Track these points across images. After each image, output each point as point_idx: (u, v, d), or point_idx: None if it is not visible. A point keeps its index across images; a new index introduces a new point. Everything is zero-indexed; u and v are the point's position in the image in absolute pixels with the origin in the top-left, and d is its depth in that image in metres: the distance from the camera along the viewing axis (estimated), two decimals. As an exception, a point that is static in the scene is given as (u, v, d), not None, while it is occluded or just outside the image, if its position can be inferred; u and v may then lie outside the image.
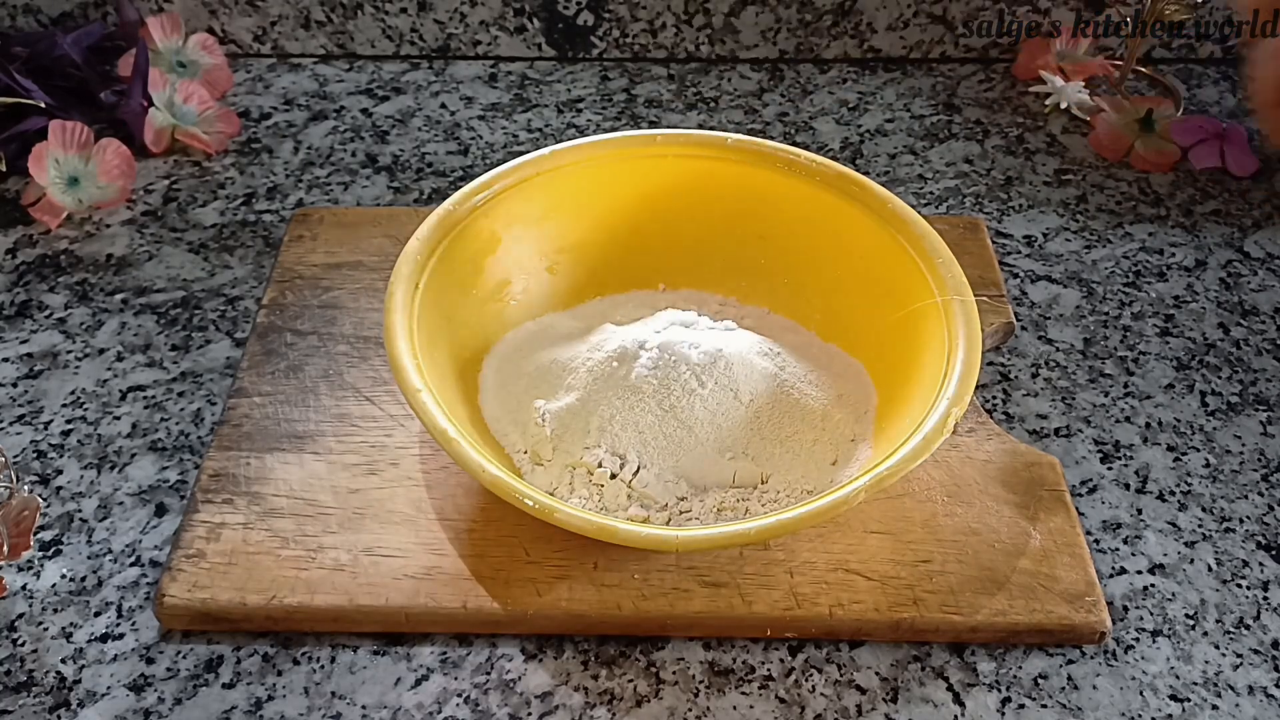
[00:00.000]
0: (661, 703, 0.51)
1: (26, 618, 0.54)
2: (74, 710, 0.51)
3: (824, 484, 0.55)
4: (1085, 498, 0.60)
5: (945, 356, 0.55)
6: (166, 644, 0.53)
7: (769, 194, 0.64)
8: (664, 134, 0.66)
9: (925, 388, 0.55)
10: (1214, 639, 0.54)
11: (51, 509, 0.58)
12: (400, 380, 0.53)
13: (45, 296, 0.70)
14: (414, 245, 0.59)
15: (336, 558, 0.54)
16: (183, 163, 0.81)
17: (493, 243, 0.63)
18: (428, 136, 0.84)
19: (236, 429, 0.60)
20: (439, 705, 0.51)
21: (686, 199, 0.65)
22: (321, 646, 0.53)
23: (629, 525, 0.49)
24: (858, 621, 0.53)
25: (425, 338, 0.56)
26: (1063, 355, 0.68)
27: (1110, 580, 0.56)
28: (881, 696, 0.52)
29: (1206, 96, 0.89)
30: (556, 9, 0.89)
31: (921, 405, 0.54)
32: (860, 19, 0.89)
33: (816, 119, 0.86)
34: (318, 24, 0.89)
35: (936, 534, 0.56)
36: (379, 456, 0.59)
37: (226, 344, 0.67)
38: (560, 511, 0.49)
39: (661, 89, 0.89)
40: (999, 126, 0.86)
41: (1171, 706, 0.52)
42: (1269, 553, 0.58)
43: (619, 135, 0.67)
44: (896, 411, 0.57)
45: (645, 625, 0.53)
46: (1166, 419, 0.64)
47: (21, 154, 0.75)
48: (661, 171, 0.65)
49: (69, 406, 0.64)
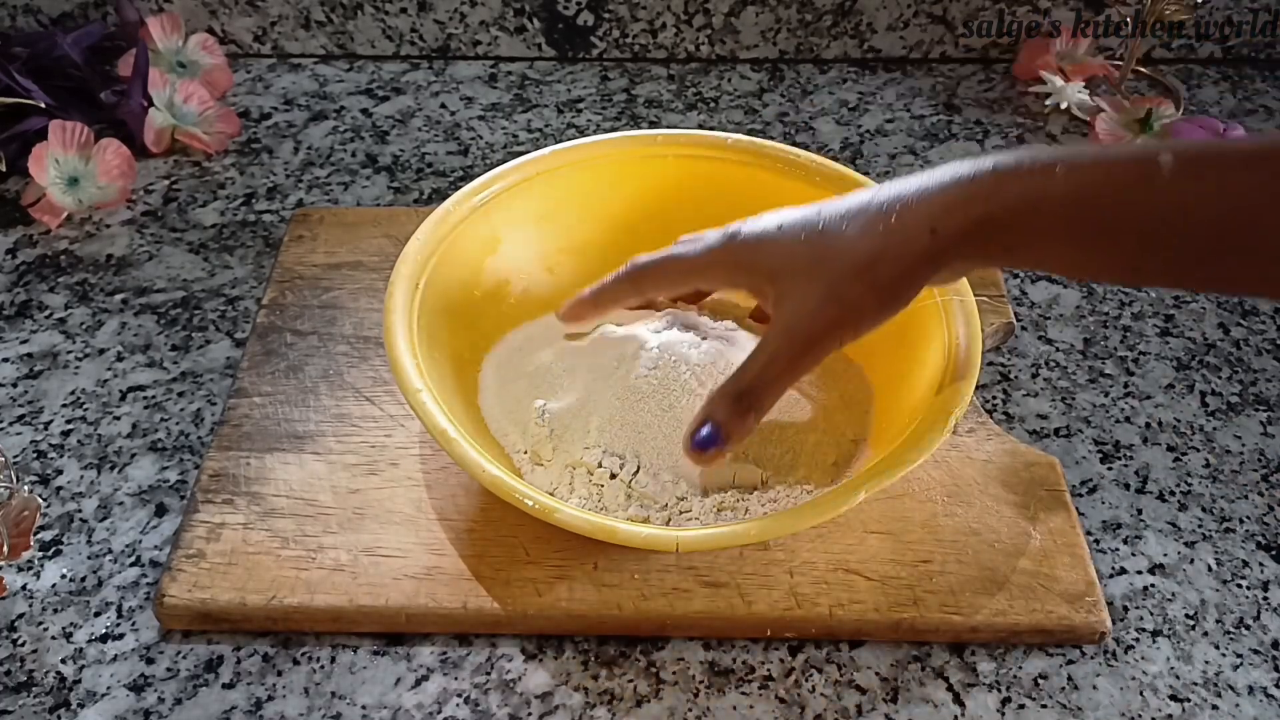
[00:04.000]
0: (661, 703, 0.51)
1: (26, 618, 0.54)
2: (74, 710, 0.51)
3: (824, 484, 0.55)
4: (1085, 498, 0.60)
5: (946, 356, 0.55)
6: (166, 644, 0.53)
7: (769, 194, 0.64)
8: (665, 134, 0.66)
9: (925, 388, 0.55)
10: (1214, 639, 0.54)
11: (51, 509, 0.58)
12: (400, 380, 0.53)
13: (45, 296, 0.70)
14: (414, 245, 0.59)
15: (336, 558, 0.54)
16: (183, 163, 0.81)
17: (493, 243, 0.63)
18: (428, 136, 0.84)
19: (236, 429, 0.60)
20: (439, 705, 0.51)
21: (687, 199, 0.65)
22: (321, 646, 0.53)
23: (629, 525, 0.49)
24: (858, 621, 0.53)
25: (425, 338, 0.56)
26: (1063, 355, 0.68)
27: (1110, 580, 0.56)
28: (881, 696, 0.52)
29: (1206, 96, 0.89)
30: (556, 9, 0.89)
31: (921, 405, 0.54)
32: (860, 19, 0.89)
33: (816, 119, 0.86)
34: (318, 24, 0.89)
35: (936, 534, 0.56)
36: (379, 456, 0.59)
37: (226, 344, 0.67)
38: (561, 512, 0.49)
39: (661, 89, 0.89)
40: (999, 126, 0.86)
41: (1171, 706, 0.52)
42: (1269, 553, 0.58)
43: (619, 135, 0.67)
44: (896, 411, 0.57)
45: (645, 625, 0.53)
46: (1166, 419, 0.64)
47: (21, 154, 0.75)
48: (662, 172, 0.65)
49: (69, 406, 0.64)
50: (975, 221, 0.46)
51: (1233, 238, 0.42)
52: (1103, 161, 0.46)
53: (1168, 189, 0.43)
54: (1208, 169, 0.43)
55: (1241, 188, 0.42)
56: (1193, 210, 0.43)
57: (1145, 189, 0.43)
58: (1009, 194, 0.46)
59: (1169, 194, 0.43)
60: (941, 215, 0.47)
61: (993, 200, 0.46)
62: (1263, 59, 0.92)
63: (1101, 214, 0.44)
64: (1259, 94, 0.89)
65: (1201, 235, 0.43)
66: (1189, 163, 0.43)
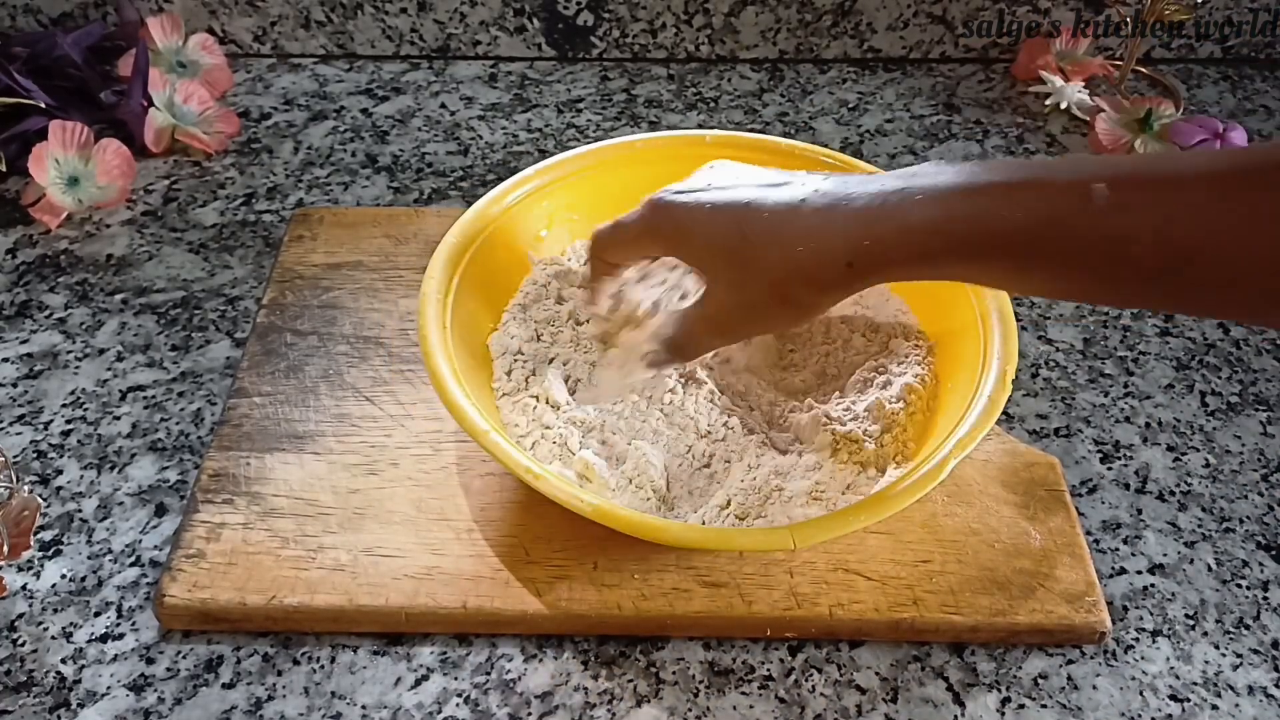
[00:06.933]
0: (661, 703, 0.51)
1: (26, 618, 0.54)
2: (74, 710, 0.51)
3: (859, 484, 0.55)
4: (1085, 498, 0.60)
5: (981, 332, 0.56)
6: (166, 644, 0.53)
7: None
8: (715, 135, 0.66)
9: (968, 364, 0.55)
10: (1214, 639, 0.54)
11: (51, 509, 0.58)
12: (464, 423, 0.52)
13: (45, 296, 0.70)
14: (443, 250, 0.59)
15: (336, 558, 0.54)
16: (183, 163, 0.81)
17: (534, 240, 0.63)
18: (428, 136, 0.84)
19: (236, 429, 0.60)
20: (439, 705, 0.51)
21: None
22: (321, 646, 0.53)
23: (745, 530, 0.50)
24: (858, 621, 0.53)
25: (457, 342, 0.56)
26: (1063, 355, 0.68)
27: (1110, 580, 0.56)
28: (881, 696, 0.52)
29: (1206, 96, 0.89)
30: (556, 9, 0.89)
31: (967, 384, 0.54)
32: (860, 19, 0.89)
33: (816, 119, 0.86)
34: (318, 24, 0.89)
35: (936, 534, 0.56)
36: (379, 456, 0.59)
37: (226, 344, 0.67)
38: (667, 531, 0.49)
39: (661, 89, 0.89)
40: (999, 126, 0.86)
41: (1171, 706, 0.52)
42: (1269, 553, 0.58)
43: (666, 134, 0.67)
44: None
45: (645, 625, 0.53)
46: (1166, 419, 0.64)
47: (21, 154, 0.75)
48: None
49: (69, 406, 0.64)
50: (897, 251, 0.45)
51: (1178, 267, 0.41)
52: (1035, 187, 0.43)
53: (1103, 220, 0.41)
54: (1144, 195, 0.41)
55: (1181, 215, 0.40)
56: (1133, 240, 0.41)
57: (1080, 218, 0.42)
58: (932, 221, 0.44)
59: (1104, 225, 0.41)
60: (860, 248, 0.46)
61: (916, 232, 0.45)
62: (1262, 59, 0.92)
63: (1031, 244, 0.43)
64: (1259, 94, 0.89)
65: (1147, 264, 0.41)
66: (1124, 190, 0.41)
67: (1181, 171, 0.42)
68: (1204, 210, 0.40)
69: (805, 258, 0.47)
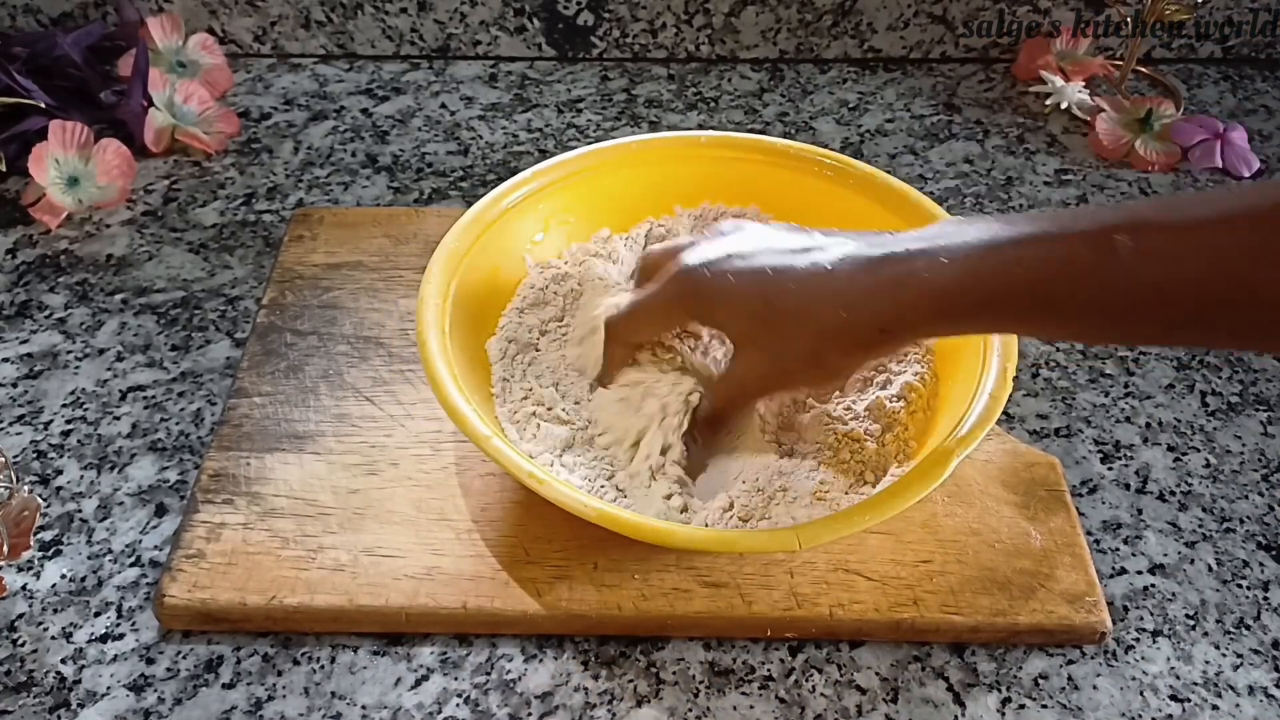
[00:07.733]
0: (661, 703, 0.51)
1: (26, 618, 0.54)
2: (74, 710, 0.51)
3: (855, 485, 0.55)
4: (1085, 498, 0.60)
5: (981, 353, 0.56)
6: (166, 644, 0.53)
7: (813, 200, 0.64)
8: (709, 136, 0.66)
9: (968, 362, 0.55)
10: (1214, 639, 0.54)
11: (51, 509, 0.58)
12: (470, 434, 0.52)
13: (45, 296, 0.70)
14: (441, 253, 0.59)
15: (336, 558, 0.54)
16: (183, 163, 0.81)
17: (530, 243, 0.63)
18: (428, 136, 0.84)
19: (236, 429, 0.60)
20: (439, 705, 0.51)
21: (727, 202, 0.65)
22: (321, 646, 0.53)
23: (750, 534, 0.50)
24: (858, 621, 0.53)
25: (456, 347, 0.56)
26: (1063, 355, 0.68)
27: (1110, 580, 0.56)
28: (881, 696, 0.52)
29: (1206, 96, 0.89)
30: (556, 9, 0.89)
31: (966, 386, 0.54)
32: (860, 19, 0.89)
33: (816, 119, 0.86)
34: (318, 24, 0.89)
35: (936, 534, 0.56)
36: (379, 456, 0.59)
37: (226, 344, 0.67)
38: (677, 535, 0.49)
39: (661, 89, 0.89)
40: (999, 126, 0.86)
41: (1171, 706, 0.52)
42: (1269, 553, 0.58)
43: (662, 136, 0.67)
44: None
45: (645, 625, 0.53)
46: (1166, 419, 0.64)
47: (21, 154, 0.75)
48: (703, 173, 0.65)
49: (69, 406, 0.64)
50: (926, 313, 0.46)
51: (1212, 308, 0.41)
52: (1055, 243, 0.44)
53: (1129, 270, 0.42)
54: (1169, 241, 0.41)
55: (1210, 257, 0.40)
56: (1162, 288, 0.41)
57: (1106, 271, 0.42)
58: (958, 283, 0.45)
59: (1132, 274, 0.42)
60: (889, 314, 0.47)
61: (943, 294, 0.45)
62: (1263, 59, 0.92)
63: (1059, 301, 0.44)
64: (1259, 94, 0.89)
65: (1177, 309, 0.42)
66: (1148, 238, 0.41)
67: (1199, 217, 0.42)
68: (1238, 252, 0.40)
69: (836, 326, 0.48)
